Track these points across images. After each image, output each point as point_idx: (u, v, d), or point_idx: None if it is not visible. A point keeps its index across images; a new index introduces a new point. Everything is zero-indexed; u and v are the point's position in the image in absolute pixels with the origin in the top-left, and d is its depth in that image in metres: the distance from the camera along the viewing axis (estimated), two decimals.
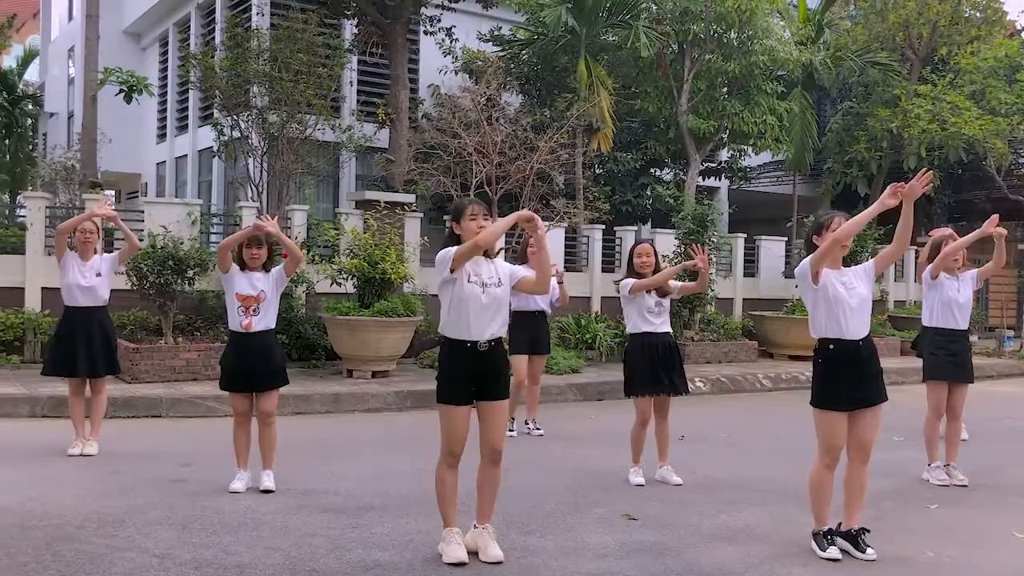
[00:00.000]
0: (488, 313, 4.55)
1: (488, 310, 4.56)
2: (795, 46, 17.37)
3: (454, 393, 4.60)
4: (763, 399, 12.22)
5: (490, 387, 4.59)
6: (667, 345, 6.62)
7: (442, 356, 4.73)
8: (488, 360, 4.56)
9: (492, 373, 4.60)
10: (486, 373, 4.58)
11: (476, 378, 4.58)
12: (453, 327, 4.58)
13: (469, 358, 4.55)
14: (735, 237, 17.20)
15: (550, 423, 8.96)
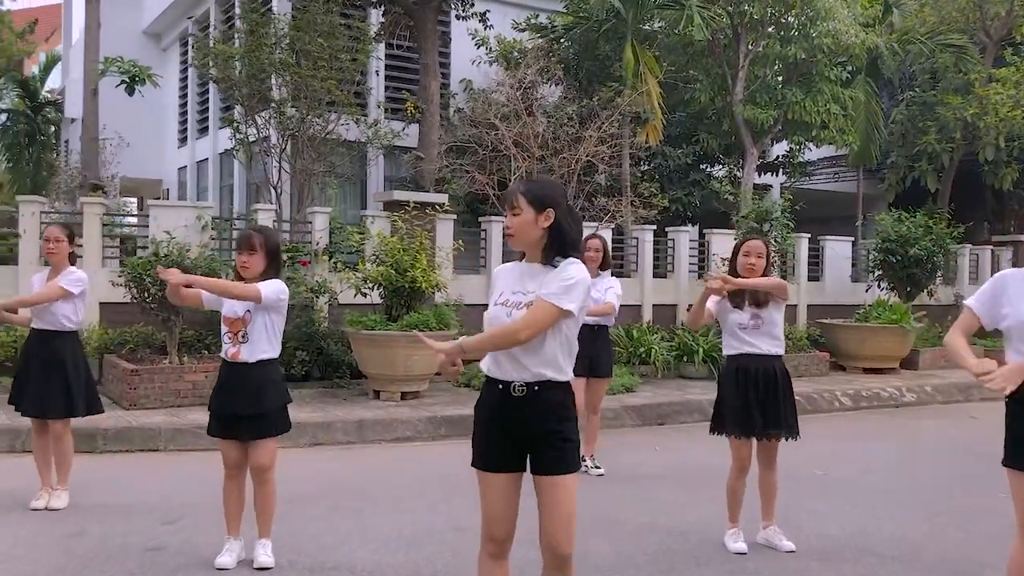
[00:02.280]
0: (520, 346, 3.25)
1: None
2: (860, 28, 15.84)
3: (484, 455, 3.35)
4: (846, 421, 10.74)
5: (542, 453, 3.26)
6: (769, 372, 5.22)
7: (478, 400, 3.44)
8: (528, 412, 3.24)
9: (542, 433, 3.25)
10: (531, 431, 3.26)
11: (517, 436, 3.28)
12: (487, 358, 3.37)
13: (499, 406, 3.27)
14: (799, 237, 15.69)
15: (609, 457, 7.59)
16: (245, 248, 4.64)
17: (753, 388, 5.17)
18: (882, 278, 15.10)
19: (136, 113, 21.60)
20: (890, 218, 15.11)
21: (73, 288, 5.75)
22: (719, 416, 5.28)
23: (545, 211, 3.26)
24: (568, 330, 3.30)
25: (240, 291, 4.57)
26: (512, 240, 3.33)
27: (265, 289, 4.56)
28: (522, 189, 3.32)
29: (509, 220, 3.29)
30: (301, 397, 10.01)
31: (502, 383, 3.24)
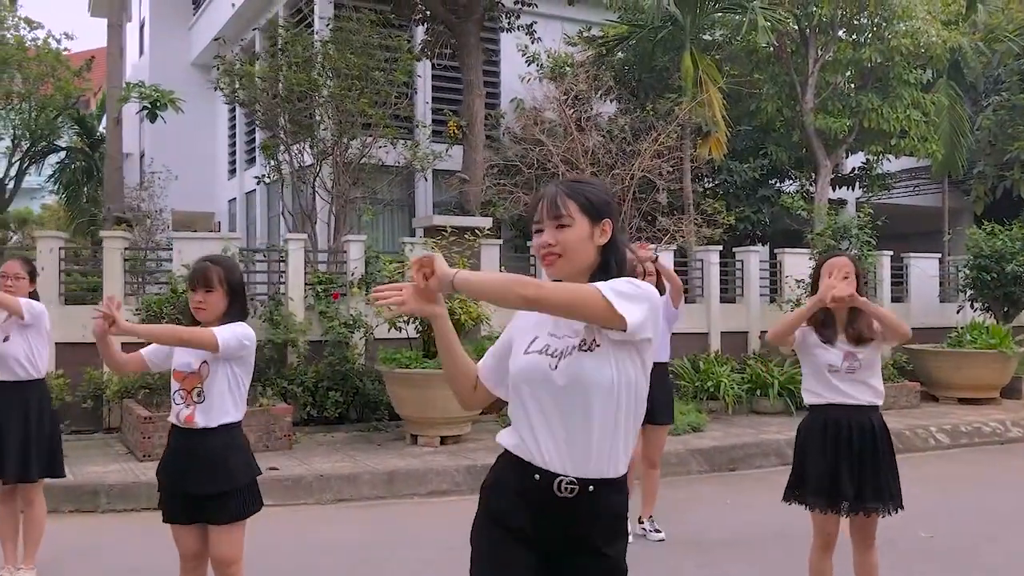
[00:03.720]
0: (576, 411, 2.29)
1: (574, 404, 2.30)
2: (941, 27, 14.57)
3: (494, 558, 2.38)
4: (946, 463, 9.45)
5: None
6: (865, 429, 4.14)
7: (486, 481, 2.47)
8: (575, 521, 2.31)
9: (588, 553, 2.33)
10: (570, 548, 2.33)
11: (544, 550, 2.32)
12: (510, 431, 2.42)
13: (534, 506, 2.31)
14: (880, 255, 14.39)
15: (673, 515, 6.53)
16: (200, 284, 3.73)
17: (845, 448, 4.10)
18: (975, 298, 13.71)
19: (188, 146, 21.41)
20: (982, 232, 13.73)
21: (25, 310, 4.96)
22: (798, 482, 4.22)
23: (603, 222, 2.37)
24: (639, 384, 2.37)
25: (191, 336, 3.65)
26: (556, 265, 2.37)
27: (223, 334, 3.63)
28: (569, 191, 2.37)
29: (550, 235, 2.34)
30: (333, 443, 9.19)
31: (541, 473, 2.29)
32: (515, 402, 2.38)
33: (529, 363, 2.34)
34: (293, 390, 9.66)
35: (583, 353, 2.33)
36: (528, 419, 2.32)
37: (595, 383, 2.31)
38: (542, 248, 2.38)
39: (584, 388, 2.31)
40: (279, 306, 10.09)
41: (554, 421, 2.30)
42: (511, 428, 2.41)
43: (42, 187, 30.57)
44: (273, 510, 7.25)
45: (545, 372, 2.31)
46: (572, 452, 2.29)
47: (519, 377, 2.36)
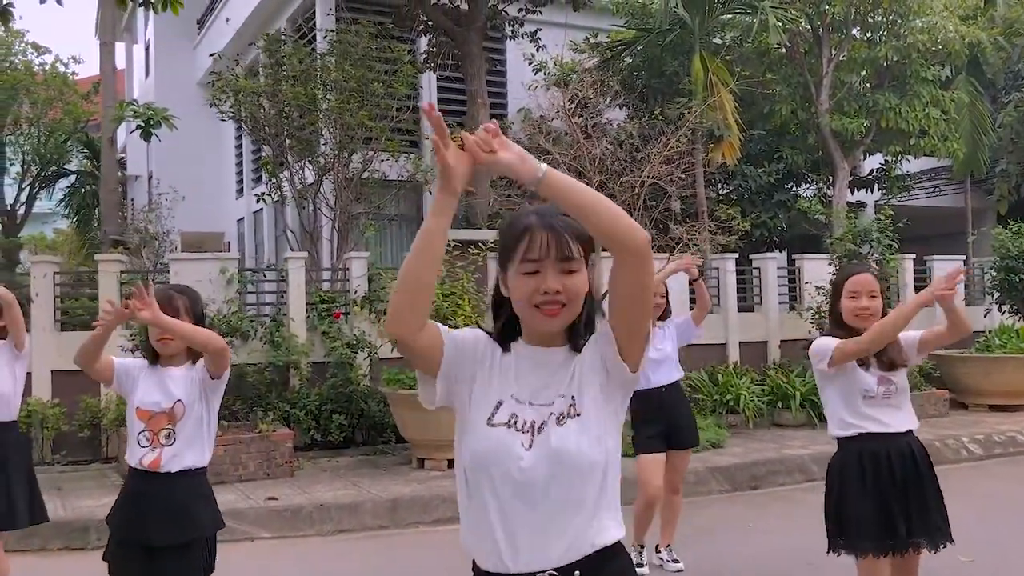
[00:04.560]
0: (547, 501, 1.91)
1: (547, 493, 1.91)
2: (960, 22, 14.13)
3: None
4: (980, 476, 8.98)
5: None
6: (906, 456, 3.76)
7: None
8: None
9: None
10: None
11: None
12: (468, 538, 1.99)
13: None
14: (903, 259, 13.93)
15: (691, 542, 6.13)
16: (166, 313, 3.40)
17: (888, 481, 3.70)
18: (1003, 300, 13.23)
19: (195, 166, 21.21)
20: (1008, 232, 13.26)
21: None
22: (840, 529, 3.78)
23: (590, 258, 1.98)
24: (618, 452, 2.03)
25: (208, 338, 3.34)
26: (560, 316, 1.95)
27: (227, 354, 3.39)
28: (571, 227, 1.95)
29: (556, 281, 1.91)
30: (337, 468, 8.84)
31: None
32: (472, 491, 1.93)
33: (496, 444, 1.91)
34: (296, 414, 9.34)
35: (560, 426, 1.93)
36: (489, 514, 1.89)
37: (569, 465, 1.91)
38: (544, 295, 1.91)
39: (561, 470, 1.91)
40: (280, 327, 9.77)
41: (522, 513, 1.89)
42: (467, 532, 1.98)
43: (53, 212, 30.54)
44: (271, 543, 6.92)
45: (516, 455, 1.89)
46: (545, 545, 1.90)
47: (481, 462, 1.91)
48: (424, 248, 1.87)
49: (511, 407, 1.94)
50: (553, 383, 1.98)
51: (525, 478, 1.89)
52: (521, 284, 1.94)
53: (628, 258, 1.88)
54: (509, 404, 1.95)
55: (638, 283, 1.92)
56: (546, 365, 1.99)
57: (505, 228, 2.02)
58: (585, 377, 1.99)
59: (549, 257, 1.93)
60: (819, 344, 3.82)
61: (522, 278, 1.94)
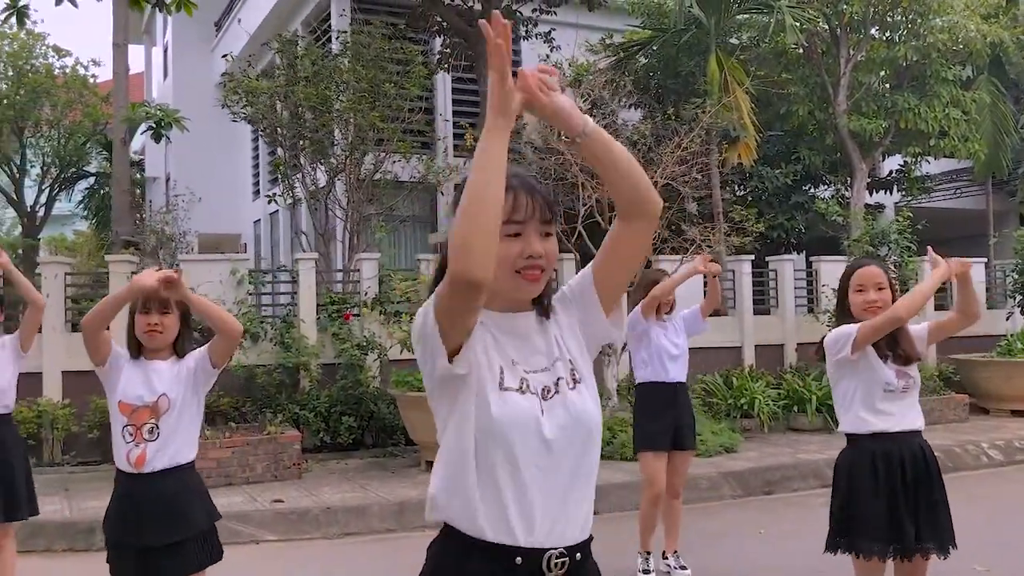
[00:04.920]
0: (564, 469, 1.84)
1: (564, 461, 1.83)
2: (981, 21, 13.92)
3: None
4: (1000, 482, 8.80)
5: None
6: (918, 457, 3.66)
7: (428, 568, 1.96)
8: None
9: None
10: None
11: None
12: (466, 506, 1.83)
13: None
14: (922, 261, 13.71)
15: (700, 547, 6.02)
16: (156, 306, 3.36)
17: (900, 483, 3.60)
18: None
19: (213, 168, 21.29)
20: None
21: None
22: (844, 527, 3.68)
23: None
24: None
25: (227, 316, 3.46)
26: (539, 282, 1.88)
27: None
28: (545, 192, 1.92)
29: (539, 244, 1.86)
30: (345, 471, 8.78)
31: (524, 554, 1.79)
32: (481, 463, 1.79)
33: (514, 408, 1.80)
34: (305, 416, 9.29)
35: (573, 390, 1.89)
36: (504, 485, 1.79)
37: (588, 430, 1.89)
38: (529, 259, 1.84)
39: (578, 436, 1.86)
40: (290, 328, 9.73)
41: (540, 482, 1.81)
42: (464, 501, 1.81)
43: (73, 213, 30.76)
44: (276, 545, 6.87)
45: (536, 420, 1.81)
46: (558, 517, 1.83)
47: (499, 429, 1.78)
48: (489, 164, 1.66)
49: (516, 372, 1.85)
50: (540, 348, 1.91)
51: (546, 445, 1.81)
52: (503, 247, 1.81)
53: (641, 223, 1.88)
54: (511, 369, 1.85)
55: (642, 247, 1.94)
56: (522, 331, 1.90)
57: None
58: (570, 342, 1.95)
59: (533, 219, 1.87)
60: (838, 332, 3.71)
61: (504, 240, 1.82)
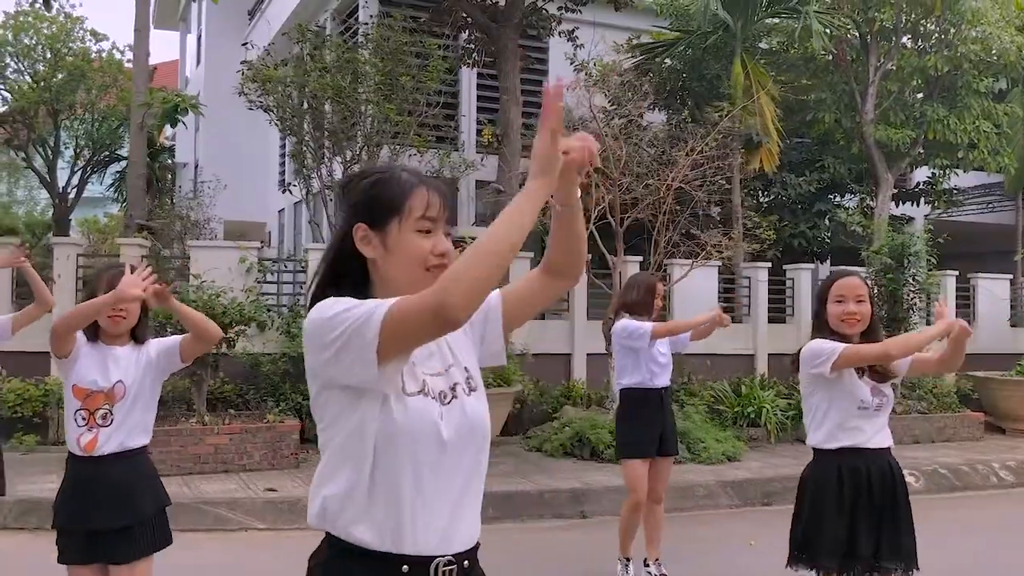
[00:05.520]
0: (459, 473, 1.81)
1: (459, 465, 1.81)
2: (1016, 32, 13.64)
3: None
4: (1010, 504, 8.61)
5: None
6: (886, 474, 3.58)
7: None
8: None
9: None
10: None
11: None
12: (358, 515, 1.76)
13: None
14: (944, 275, 13.49)
15: (686, 554, 5.94)
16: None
17: (865, 500, 3.52)
18: None
19: (240, 156, 21.44)
20: None
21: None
22: (807, 542, 3.61)
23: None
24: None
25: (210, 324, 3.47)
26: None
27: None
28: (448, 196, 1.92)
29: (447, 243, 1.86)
30: None
31: (411, 563, 1.74)
32: (379, 467, 1.73)
33: (416, 414, 1.75)
34: (308, 405, 9.28)
35: (470, 396, 1.86)
36: (401, 492, 1.74)
37: (483, 435, 1.86)
38: (440, 257, 1.81)
39: (474, 441, 1.83)
40: (297, 317, 9.74)
41: (436, 487, 1.77)
42: (357, 510, 1.74)
43: (105, 196, 31.17)
44: (265, 534, 6.87)
45: (437, 424, 1.77)
46: (450, 523, 1.79)
47: (402, 434, 1.72)
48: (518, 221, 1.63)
49: (415, 374, 1.80)
50: (436, 353, 1.86)
51: (443, 448, 1.77)
52: (416, 243, 1.79)
53: (566, 281, 1.96)
54: (411, 371, 1.79)
55: (554, 298, 2.02)
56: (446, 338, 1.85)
57: (386, 181, 1.84)
58: (466, 351, 1.92)
59: (442, 219, 1.85)
60: (818, 346, 3.60)
61: (415, 237, 1.79)
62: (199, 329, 3.38)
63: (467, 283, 1.58)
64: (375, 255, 1.81)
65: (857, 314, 3.56)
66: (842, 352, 3.46)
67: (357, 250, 1.82)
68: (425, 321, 1.61)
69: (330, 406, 1.78)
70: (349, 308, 1.69)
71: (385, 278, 1.82)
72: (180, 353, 3.43)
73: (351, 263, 1.83)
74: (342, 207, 1.88)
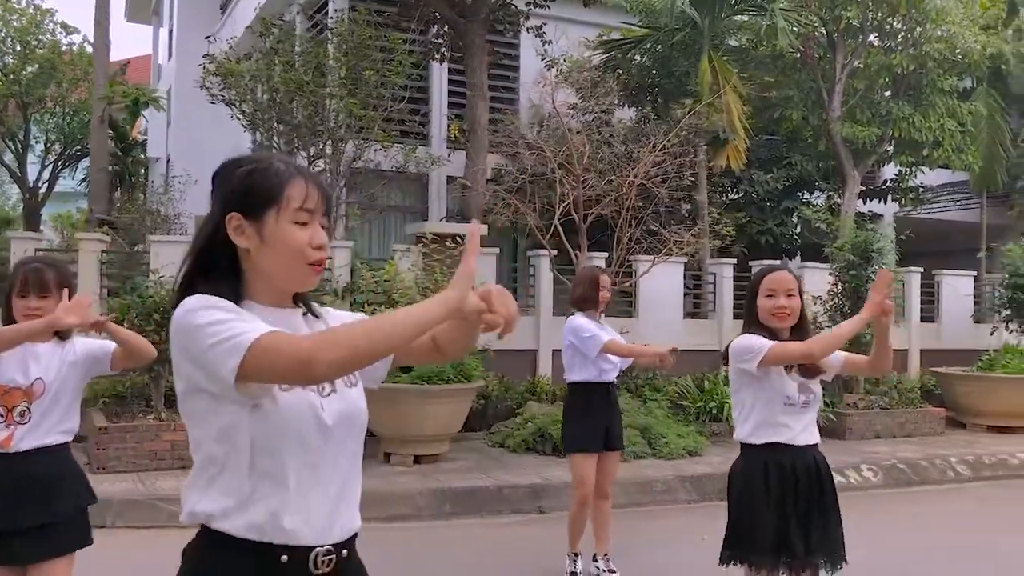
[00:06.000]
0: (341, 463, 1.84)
1: (341, 453, 1.84)
2: (980, 31, 13.78)
3: None
4: (962, 498, 8.70)
5: None
6: (811, 470, 3.59)
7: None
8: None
9: None
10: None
11: None
12: (240, 508, 1.74)
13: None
14: (909, 272, 13.61)
15: (637, 549, 5.97)
16: (35, 288, 3.26)
17: (792, 495, 3.53)
18: (1011, 318, 12.86)
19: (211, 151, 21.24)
20: (1019, 249, 12.91)
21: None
22: (738, 539, 3.62)
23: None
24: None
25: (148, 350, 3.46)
26: (320, 272, 1.86)
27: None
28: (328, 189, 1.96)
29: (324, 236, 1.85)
30: None
31: (289, 552, 1.73)
32: (259, 463, 1.72)
33: (298, 407, 1.75)
34: None
35: (349, 388, 1.88)
36: (281, 485, 1.73)
37: (361, 424, 1.90)
38: (318, 249, 1.80)
39: (355, 429, 1.87)
40: None
41: (317, 478, 1.77)
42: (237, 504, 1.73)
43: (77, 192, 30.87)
44: None
45: (319, 416, 1.77)
46: (331, 513, 1.80)
47: (282, 429, 1.73)
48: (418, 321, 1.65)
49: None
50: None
51: (325, 436, 1.78)
52: (293, 235, 1.77)
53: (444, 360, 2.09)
54: None
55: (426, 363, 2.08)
56: (290, 327, 1.81)
57: (263, 171, 1.80)
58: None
59: (319, 211, 1.83)
60: (747, 341, 3.60)
61: (293, 228, 1.77)
62: (134, 352, 3.39)
63: (345, 351, 1.59)
64: (249, 246, 1.78)
65: (787, 308, 3.58)
66: (769, 350, 3.47)
67: (229, 240, 1.79)
68: (290, 367, 1.60)
69: (199, 405, 1.75)
70: (217, 322, 1.64)
71: (259, 269, 1.80)
72: (110, 362, 3.41)
73: (222, 253, 1.80)
74: (215, 196, 1.86)
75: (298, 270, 1.79)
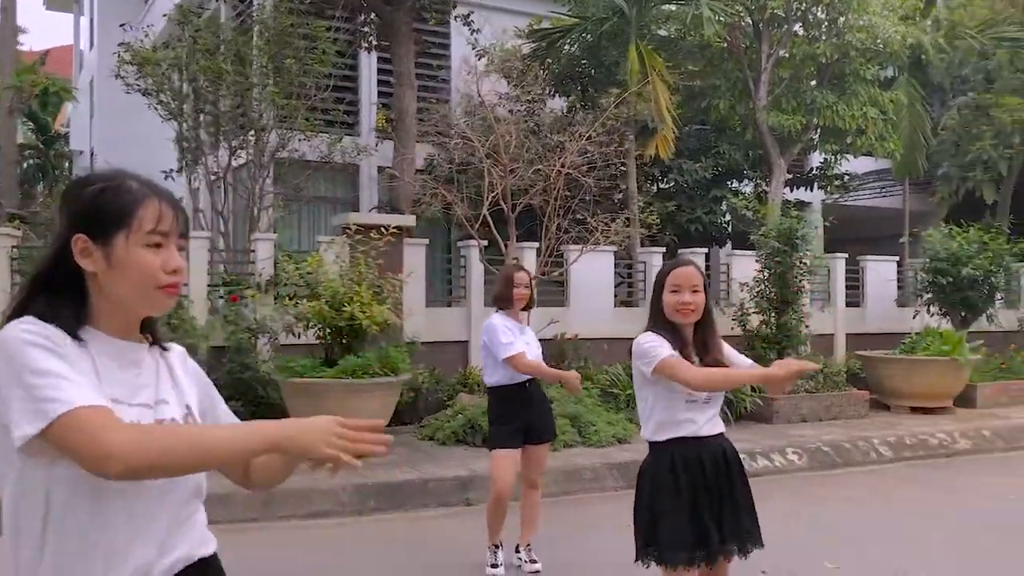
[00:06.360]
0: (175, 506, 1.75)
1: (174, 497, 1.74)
2: (899, 22, 14.06)
3: None
4: (882, 479, 8.87)
5: None
6: (718, 460, 3.58)
7: None
8: None
9: None
10: None
11: None
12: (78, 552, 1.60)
13: None
14: (833, 258, 13.86)
15: (562, 538, 5.95)
16: None
17: (702, 488, 3.51)
18: (932, 302, 13.19)
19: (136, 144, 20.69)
20: (939, 234, 13.24)
21: None
22: (652, 537, 3.58)
23: None
24: None
25: None
26: (175, 297, 1.77)
27: None
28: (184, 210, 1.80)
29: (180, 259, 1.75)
30: None
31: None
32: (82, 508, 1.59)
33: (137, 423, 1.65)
34: None
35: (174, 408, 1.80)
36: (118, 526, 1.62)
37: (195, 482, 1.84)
38: (172, 273, 1.71)
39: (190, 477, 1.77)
40: (179, 309, 9.44)
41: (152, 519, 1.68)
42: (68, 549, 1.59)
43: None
44: None
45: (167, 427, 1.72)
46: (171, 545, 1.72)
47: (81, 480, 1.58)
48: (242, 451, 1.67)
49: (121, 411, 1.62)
50: (151, 383, 1.75)
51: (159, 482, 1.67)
52: (144, 259, 1.68)
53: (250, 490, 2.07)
54: (117, 408, 1.61)
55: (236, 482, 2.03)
56: (133, 361, 1.72)
57: (113, 190, 1.69)
58: (188, 388, 1.85)
59: (175, 233, 1.73)
60: (645, 345, 3.57)
61: (144, 251, 1.68)
62: None
63: (152, 457, 1.52)
64: (96, 269, 1.68)
65: (692, 304, 3.55)
66: (662, 361, 3.45)
67: (75, 262, 1.68)
68: (86, 455, 1.50)
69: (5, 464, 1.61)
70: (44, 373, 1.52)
71: (106, 294, 1.70)
72: None
73: (66, 275, 1.69)
74: (62, 215, 1.74)
75: (148, 294, 1.70)
